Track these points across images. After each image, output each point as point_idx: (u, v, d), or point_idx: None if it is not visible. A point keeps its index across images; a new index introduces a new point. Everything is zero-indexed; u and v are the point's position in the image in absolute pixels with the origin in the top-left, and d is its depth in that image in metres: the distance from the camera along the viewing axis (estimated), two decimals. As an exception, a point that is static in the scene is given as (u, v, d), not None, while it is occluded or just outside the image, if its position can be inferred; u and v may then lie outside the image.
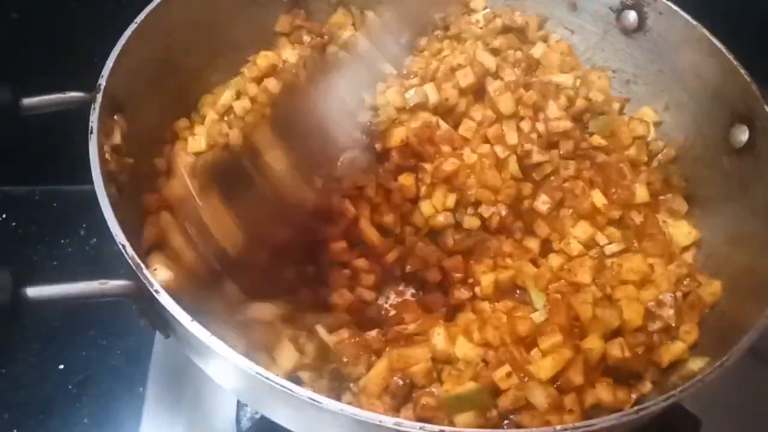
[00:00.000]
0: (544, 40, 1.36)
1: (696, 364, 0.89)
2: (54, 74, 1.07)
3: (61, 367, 1.24)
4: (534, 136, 1.14)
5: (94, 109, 0.92)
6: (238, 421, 1.09)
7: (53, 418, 1.19)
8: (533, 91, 1.19)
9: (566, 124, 1.17)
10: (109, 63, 0.98)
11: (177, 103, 1.20)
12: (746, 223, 1.06)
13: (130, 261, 0.78)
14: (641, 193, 1.15)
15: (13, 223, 1.43)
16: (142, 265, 0.77)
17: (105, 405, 1.19)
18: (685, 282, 1.04)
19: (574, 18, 1.36)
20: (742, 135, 1.10)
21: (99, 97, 0.94)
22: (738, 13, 1.23)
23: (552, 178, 1.15)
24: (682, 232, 1.14)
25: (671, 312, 0.97)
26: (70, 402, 1.20)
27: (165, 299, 0.75)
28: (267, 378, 0.70)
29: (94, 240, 1.40)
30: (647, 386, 0.95)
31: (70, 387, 1.22)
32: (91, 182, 0.85)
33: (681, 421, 1.00)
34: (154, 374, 1.18)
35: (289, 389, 0.69)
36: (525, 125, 1.15)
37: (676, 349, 0.96)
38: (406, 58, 1.36)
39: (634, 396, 0.94)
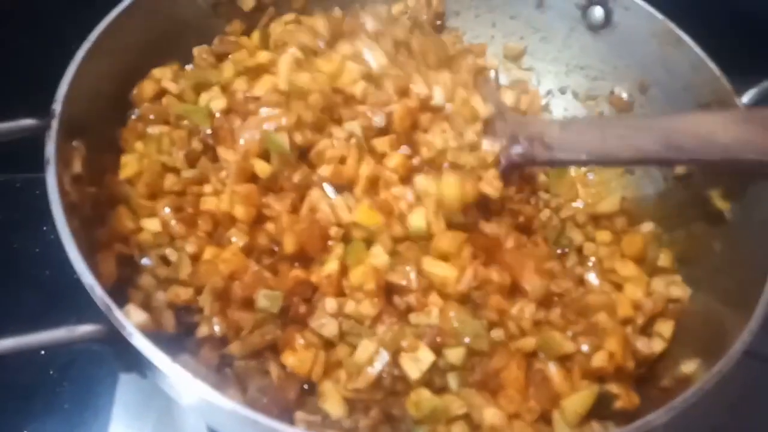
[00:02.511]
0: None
1: (688, 367, 0.89)
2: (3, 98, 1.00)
3: (43, 352, 1.20)
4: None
5: (49, 137, 0.86)
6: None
7: (34, 403, 1.18)
8: None
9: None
10: (63, 85, 0.93)
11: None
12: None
13: (99, 303, 0.73)
14: None
15: (-5, 210, 1.43)
16: (113, 307, 0.72)
17: (86, 390, 1.19)
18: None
19: (540, 16, 1.34)
20: (715, 127, 1.11)
21: (54, 123, 0.88)
22: (705, 7, 1.23)
23: None
24: None
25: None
26: (50, 387, 1.20)
27: (140, 342, 0.71)
28: (256, 420, 0.66)
29: (77, 227, 1.39)
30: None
31: (51, 372, 1.21)
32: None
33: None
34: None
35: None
36: None
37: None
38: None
39: None
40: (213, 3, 1.24)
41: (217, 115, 1.00)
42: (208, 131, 0.99)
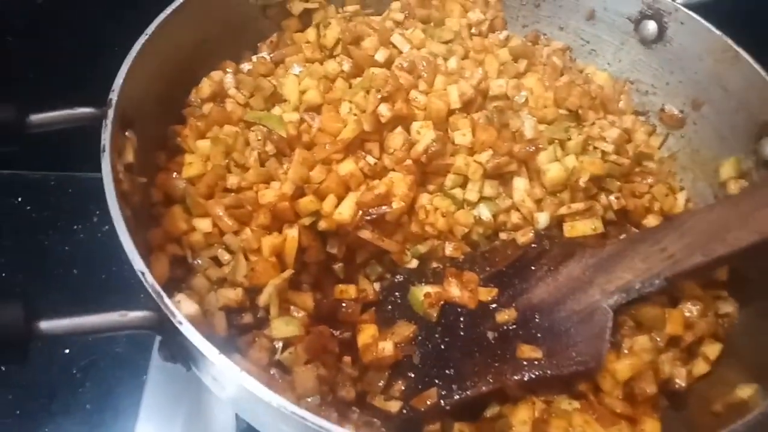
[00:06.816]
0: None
1: (744, 392, 0.86)
2: (61, 88, 1.02)
3: (67, 351, 1.24)
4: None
5: (105, 125, 0.87)
6: (237, 416, 1.07)
7: (56, 401, 1.19)
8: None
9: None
10: (120, 76, 0.94)
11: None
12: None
13: (150, 290, 0.72)
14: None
15: (28, 207, 1.43)
16: (164, 295, 0.72)
17: (107, 391, 1.20)
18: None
19: (589, 28, 1.33)
20: (775, 148, 1.09)
21: (110, 113, 0.89)
22: (764, 22, 1.21)
23: None
24: None
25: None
26: (73, 386, 1.21)
27: (189, 331, 0.70)
28: (303, 417, 0.65)
29: (107, 227, 1.37)
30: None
31: (74, 371, 1.22)
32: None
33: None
34: (157, 363, 1.17)
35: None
36: None
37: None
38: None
39: None
40: (263, 5, 1.25)
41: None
42: (284, 135, 0.99)
